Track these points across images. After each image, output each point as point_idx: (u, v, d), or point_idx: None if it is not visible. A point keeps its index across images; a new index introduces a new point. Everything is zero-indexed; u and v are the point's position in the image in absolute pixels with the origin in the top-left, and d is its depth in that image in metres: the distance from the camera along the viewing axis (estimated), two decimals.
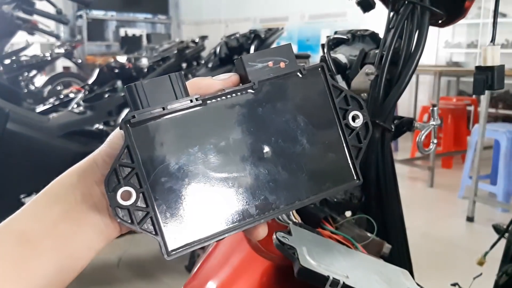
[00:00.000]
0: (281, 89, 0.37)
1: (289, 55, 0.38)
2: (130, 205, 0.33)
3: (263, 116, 0.37)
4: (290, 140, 0.37)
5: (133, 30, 9.11)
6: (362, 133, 0.39)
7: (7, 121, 1.84)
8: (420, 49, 0.71)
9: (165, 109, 0.34)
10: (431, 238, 2.87)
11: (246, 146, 0.36)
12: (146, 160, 0.33)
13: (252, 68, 0.37)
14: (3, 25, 2.37)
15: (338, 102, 0.38)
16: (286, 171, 0.37)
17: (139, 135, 0.33)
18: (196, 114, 0.35)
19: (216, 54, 2.51)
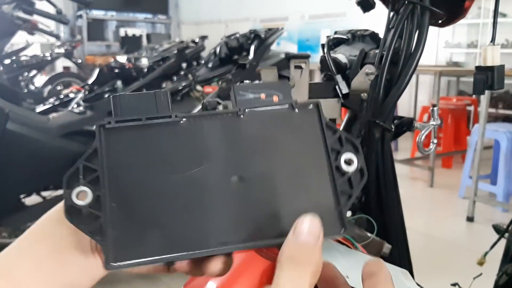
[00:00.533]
0: (268, 121, 0.35)
1: (284, 90, 0.36)
2: (83, 206, 0.32)
3: (242, 145, 0.34)
4: (268, 175, 0.34)
5: (133, 30, 9.11)
6: (355, 179, 0.35)
7: (7, 121, 1.84)
8: (420, 49, 0.71)
9: (142, 120, 0.34)
10: (431, 238, 2.87)
11: (217, 172, 0.33)
12: (112, 166, 0.33)
13: (242, 97, 0.35)
14: (3, 25, 2.37)
15: (330, 142, 0.35)
16: (259, 207, 0.33)
17: (111, 141, 0.33)
18: (173, 131, 0.34)
19: (216, 54, 2.51)
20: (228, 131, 0.35)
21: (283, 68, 0.94)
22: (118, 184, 0.33)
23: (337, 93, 0.74)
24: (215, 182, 0.33)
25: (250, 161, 0.34)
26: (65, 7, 5.90)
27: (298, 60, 0.68)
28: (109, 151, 0.33)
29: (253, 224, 0.33)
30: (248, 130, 0.35)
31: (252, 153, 0.34)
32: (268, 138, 0.35)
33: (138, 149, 0.34)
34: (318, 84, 0.75)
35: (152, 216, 0.33)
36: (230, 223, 0.33)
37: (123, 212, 0.32)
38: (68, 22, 2.97)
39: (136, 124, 0.34)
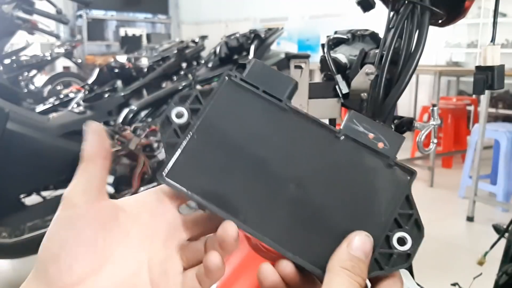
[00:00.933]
0: (359, 157, 0.35)
1: (395, 144, 0.36)
2: (174, 122, 0.36)
3: (323, 161, 0.36)
4: (328, 201, 0.35)
5: (133, 30, 9.12)
6: (396, 259, 0.34)
7: (7, 121, 1.84)
8: (420, 49, 0.71)
9: (258, 89, 0.37)
10: (431, 238, 2.87)
11: (288, 169, 0.35)
12: (213, 109, 0.36)
13: (351, 124, 0.36)
14: (3, 25, 2.37)
15: (399, 213, 0.34)
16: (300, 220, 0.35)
17: (227, 91, 0.37)
18: (275, 114, 0.37)
19: (216, 54, 2.51)
20: (319, 142, 0.36)
21: (283, 68, 0.94)
22: (209, 125, 0.36)
23: (337, 93, 0.75)
24: (278, 176, 0.35)
25: (320, 179, 0.35)
26: (65, 7, 5.91)
27: (298, 60, 0.68)
28: (219, 97, 0.37)
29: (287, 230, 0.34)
30: (336, 153, 0.36)
31: (327, 173, 0.35)
32: (348, 171, 0.35)
33: (241, 110, 0.37)
34: (318, 84, 0.75)
35: (215, 167, 0.36)
36: (268, 216, 0.35)
37: (198, 148, 0.36)
38: (68, 22, 2.97)
39: (253, 90, 0.37)
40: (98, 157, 0.36)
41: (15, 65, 3.46)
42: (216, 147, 0.36)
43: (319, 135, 0.36)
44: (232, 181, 0.35)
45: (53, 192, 2.19)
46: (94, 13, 8.87)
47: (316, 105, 0.71)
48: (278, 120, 0.36)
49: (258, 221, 0.35)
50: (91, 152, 0.36)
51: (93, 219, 0.35)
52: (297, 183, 0.35)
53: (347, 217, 0.34)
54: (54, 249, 0.34)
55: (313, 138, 0.36)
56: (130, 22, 9.65)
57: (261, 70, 0.37)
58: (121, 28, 9.17)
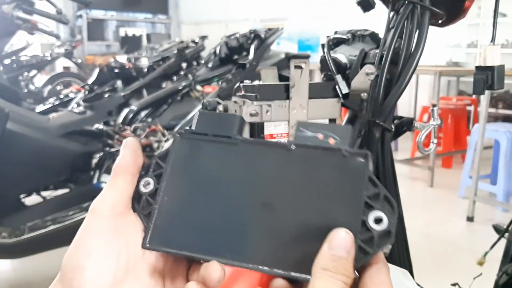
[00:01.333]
0: (315, 160, 0.37)
1: (344, 137, 0.37)
2: (143, 193, 0.39)
3: (285, 176, 0.37)
4: (300, 210, 0.36)
5: (133, 30, 9.12)
6: (378, 240, 0.34)
7: (7, 121, 1.84)
8: (420, 49, 0.71)
9: (207, 136, 0.40)
10: (431, 238, 2.87)
11: (255, 195, 0.37)
12: (174, 167, 0.39)
13: (300, 133, 0.38)
14: (3, 25, 2.37)
15: (367, 196, 0.35)
16: (280, 236, 0.36)
17: (182, 147, 0.40)
18: (229, 150, 0.39)
19: (216, 54, 2.51)
20: (276, 160, 0.38)
21: (283, 68, 0.93)
22: (175, 183, 0.39)
23: (337, 93, 0.75)
24: (249, 204, 0.37)
25: (287, 192, 0.37)
26: (65, 7, 5.90)
27: (298, 60, 0.68)
28: (176, 155, 0.40)
29: (270, 251, 0.36)
30: (294, 164, 0.37)
31: (291, 185, 0.37)
32: (310, 176, 0.37)
33: (199, 159, 0.39)
34: (318, 84, 0.75)
35: (189, 218, 0.38)
36: (249, 243, 0.36)
37: (170, 207, 0.38)
38: (68, 22, 2.97)
39: (203, 138, 0.40)
40: (128, 172, 0.38)
41: (15, 65, 3.46)
42: (186, 200, 0.38)
43: (274, 153, 0.38)
44: (209, 225, 0.37)
45: (53, 192, 2.19)
46: (94, 13, 8.87)
47: (316, 105, 0.71)
48: (233, 155, 0.39)
49: (242, 252, 0.36)
50: (124, 166, 0.38)
51: (119, 232, 0.36)
52: (267, 205, 0.36)
53: (321, 219, 0.35)
54: (80, 259, 0.35)
55: (269, 159, 0.38)
56: (130, 22, 9.65)
57: (207, 118, 0.41)
58: (121, 28, 9.17)
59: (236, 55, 2.47)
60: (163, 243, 0.37)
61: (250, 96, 0.69)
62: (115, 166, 0.38)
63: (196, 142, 0.40)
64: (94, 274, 0.34)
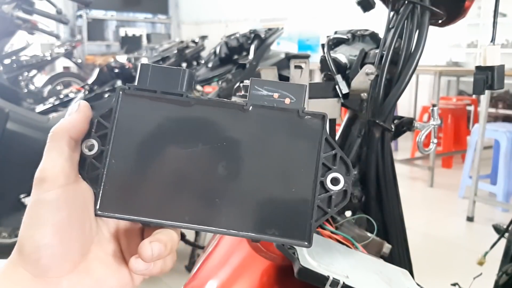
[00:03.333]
0: (272, 121, 0.36)
1: (299, 95, 0.36)
2: (87, 155, 0.36)
3: (241, 137, 0.36)
4: (258, 171, 0.35)
5: (133, 30, 9.12)
6: (335, 199, 0.35)
7: (7, 121, 1.84)
8: (420, 49, 0.71)
9: (156, 93, 0.36)
10: (431, 238, 2.87)
11: (211, 156, 0.36)
12: (121, 127, 0.36)
13: (256, 92, 0.37)
14: (3, 25, 2.37)
15: (324, 157, 0.36)
16: (238, 197, 0.35)
17: (126, 105, 0.36)
18: (182, 110, 0.36)
19: (216, 54, 2.51)
20: (231, 121, 0.36)
21: (283, 68, 0.94)
22: (122, 144, 0.36)
23: (337, 93, 0.75)
24: (205, 166, 0.36)
25: (243, 154, 0.36)
26: (65, 7, 5.91)
27: (298, 60, 0.68)
28: (121, 114, 0.36)
29: (231, 213, 0.35)
30: (250, 124, 0.36)
31: (247, 147, 0.36)
32: (267, 137, 0.36)
33: (146, 117, 0.36)
34: (318, 84, 0.75)
35: (142, 181, 0.36)
36: (211, 207, 0.35)
37: (119, 170, 0.36)
38: (68, 22, 2.97)
39: (151, 95, 0.36)
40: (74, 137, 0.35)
41: (15, 65, 3.45)
42: (136, 162, 0.36)
43: (229, 113, 0.36)
44: (164, 188, 0.35)
45: None
46: (94, 13, 8.87)
47: (316, 105, 0.71)
48: (186, 114, 0.36)
49: (202, 216, 0.35)
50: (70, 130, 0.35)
51: (78, 201, 0.34)
52: (224, 167, 0.35)
53: (279, 180, 0.35)
54: (44, 236, 0.32)
55: (225, 119, 0.36)
56: (130, 22, 9.65)
57: (151, 72, 0.37)
58: (121, 28, 9.17)
59: (236, 55, 2.47)
60: (115, 208, 0.35)
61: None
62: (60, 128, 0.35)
63: (142, 99, 0.36)
64: (62, 249, 0.32)
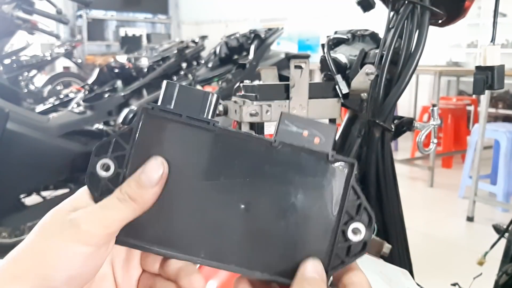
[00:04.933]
0: (299, 161, 0.35)
1: (329, 136, 0.35)
2: (102, 177, 0.34)
3: (266, 175, 0.35)
4: (278, 212, 0.35)
5: (133, 30, 9.12)
6: (353, 250, 0.35)
7: (7, 121, 1.84)
8: (420, 49, 0.71)
9: (181, 117, 0.34)
10: (431, 238, 2.87)
11: (232, 191, 0.34)
12: (140, 150, 0.34)
13: (285, 127, 0.35)
14: (3, 25, 2.37)
15: (348, 205, 0.35)
16: (255, 237, 0.34)
17: (148, 126, 0.34)
18: (205, 138, 0.35)
19: (216, 54, 2.51)
20: (257, 157, 0.35)
21: (283, 68, 0.94)
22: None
23: (337, 93, 0.75)
24: (225, 201, 0.34)
25: (266, 192, 0.35)
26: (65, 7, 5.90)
27: (298, 60, 0.68)
28: (142, 135, 0.34)
29: (248, 252, 0.34)
30: (276, 162, 0.35)
31: (271, 186, 0.35)
32: (292, 178, 0.35)
33: (168, 142, 0.34)
34: (318, 84, 0.75)
35: (158, 210, 0.34)
36: (228, 243, 0.34)
37: None
38: (68, 22, 2.97)
39: (175, 119, 0.34)
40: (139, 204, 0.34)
41: (15, 65, 3.45)
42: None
43: (256, 149, 0.35)
44: (181, 220, 0.34)
45: (53, 192, 2.19)
46: (94, 13, 8.87)
47: (316, 105, 0.71)
48: (210, 143, 0.34)
49: (219, 252, 0.34)
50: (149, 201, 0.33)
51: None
52: (246, 204, 0.34)
53: (302, 222, 0.35)
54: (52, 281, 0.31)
55: (250, 154, 0.35)
56: (130, 22, 9.64)
57: (178, 92, 0.35)
58: (121, 28, 9.17)
59: (236, 55, 2.47)
60: (130, 236, 0.34)
61: (250, 96, 0.69)
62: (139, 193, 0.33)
63: (165, 121, 0.34)
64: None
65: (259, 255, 0.34)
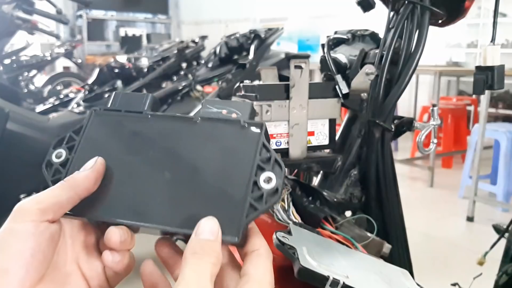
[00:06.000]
0: (217, 131, 0.41)
1: (245, 111, 0.42)
2: (55, 162, 0.42)
3: (188, 145, 0.41)
4: (199, 175, 0.39)
5: (133, 30, 9.12)
6: (267, 197, 0.38)
7: (7, 121, 1.84)
8: (420, 49, 0.71)
9: (121, 112, 0.43)
10: (431, 238, 2.87)
11: (159, 162, 0.41)
12: (87, 140, 0.43)
13: (207, 109, 0.42)
14: (3, 25, 2.37)
15: (260, 159, 0.39)
16: (177, 197, 0.39)
17: (95, 122, 0.43)
18: (141, 124, 0.43)
19: (216, 54, 2.51)
20: (182, 132, 0.42)
21: (283, 68, 0.93)
22: (85, 154, 0.42)
23: (337, 93, 0.75)
24: (152, 170, 0.40)
25: (188, 159, 0.40)
26: (65, 7, 5.90)
27: (298, 60, 0.68)
28: (90, 129, 0.43)
29: (168, 211, 0.39)
30: (198, 134, 0.41)
31: (193, 153, 0.41)
32: (212, 144, 0.41)
33: (110, 132, 0.43)
34: (318, 84, 0.75)
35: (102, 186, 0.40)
36: (151, 206, 0.39)
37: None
38: (68, 22, 2.97)
39: (116, 114, 0.44)
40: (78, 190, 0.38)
41: (15, 65, 3.45)
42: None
43: (181, 126, 0.42)
44: (114, 191, 0.40)
45: None
46: (94, 13, 8.86)
47: (316, 105, 0.71)
48: (144, 127, 0.42)
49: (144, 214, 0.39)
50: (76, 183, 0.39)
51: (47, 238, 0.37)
52: (170, 171, 0.40)
53: (218, 180, 0.39)
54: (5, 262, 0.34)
55: (177, 130, 0.42)
56: (130, 22, 9.64)
57: (121, 97, 0.45)
58: (121, 28, 9.17)
59: (236, 55, 2.47)
60: (77, 210, 0.39)
61: (250, 96, 0.69)
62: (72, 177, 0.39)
63: (109, 117, 0.43)
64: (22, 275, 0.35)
65: (178, 213, 0.38)
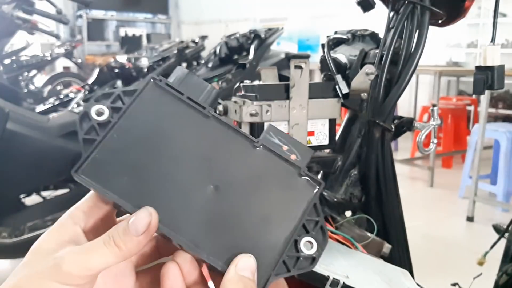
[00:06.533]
0: (274, 166, 0.38)
1: (305, 157, 0.38)
2: (94, 119, 0.36)
3: (241, 169, 0.37)
4: (243, 205, 0.36)
5: (133, 30, 9.12)
6: (302, 262, 0.36)
7: (7, 121, 1.84)
8: (420, 49, 0.71)
9: (183, 95, 0.38)
10: (431, 238, 2.87)
11: (205, 172, 0.36)
12: (135, 110, 0.37)
13: (268, 137, 0.38)
14: (3, 25, 2.37)
15: (306, 219, 0.37)
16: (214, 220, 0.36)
17: (150, 93, 0.37)
18: (197, 120, 0.38)
19: (216, 54, 2.51)
20: (237, 150, 0.38)
21: (283, 68, 0.93)
22: (130, 125, 0.36)
23: (337, 93, 0.75)
24: (198, 178, 0.36)
25: (236, 184, 0.37)
26: (65, 7, 5.90)
27: (298, 60, 0.68)
28: (142, 98, 0.37)
29: (202, 230, 0.35)
30: (253, 161, 0.37)
31: (243, 180, 0.37)
32: (264, 179, 0.37)
33: (163, 113, 0.37)
34: (318, 84, 0.75)
35: (134, 166, 0.36)
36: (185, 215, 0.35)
37: (117, 146, 0.36)
38: (68, 22, 2.97)
39: (177, 96, 0.38)
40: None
41: (15, 65, 3.45)
42: (136, 148, 0.36)
43: (239, 143, 0.38)
44: (150, 182, 0.35)
45: (53, 192, 2.19)
46: (94, 13, 8.87)
47: (316, 105, 0.71)
48: (199, 126, 0.37)
49: (174, 221, 0.35)
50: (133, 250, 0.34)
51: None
52: (215, 186, 0.36)
53: (261, 221, 0.36)
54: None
55: (233, 146, 0.37)
56: (130, 22, 9.65)
57: (185, 77, 0.39)
58: (121, 28, 9.17)
59: (236, 55, 2.47)
60: (95, 177, 0.35)
61: (250, 96, 0.69)
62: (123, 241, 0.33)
63: (167, 95, 0.38)
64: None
65: (211, 237, 0.35)
